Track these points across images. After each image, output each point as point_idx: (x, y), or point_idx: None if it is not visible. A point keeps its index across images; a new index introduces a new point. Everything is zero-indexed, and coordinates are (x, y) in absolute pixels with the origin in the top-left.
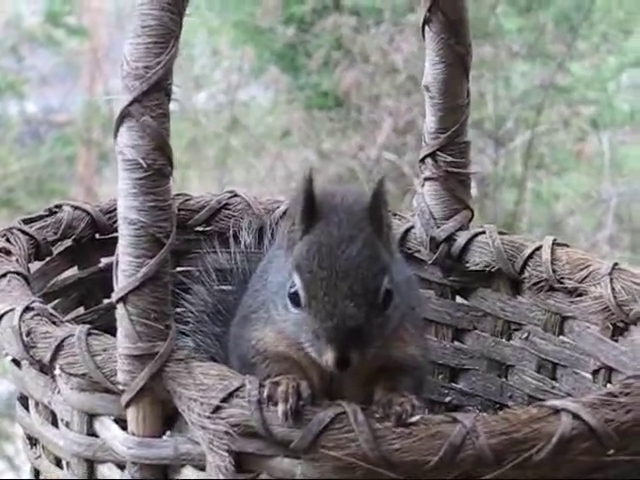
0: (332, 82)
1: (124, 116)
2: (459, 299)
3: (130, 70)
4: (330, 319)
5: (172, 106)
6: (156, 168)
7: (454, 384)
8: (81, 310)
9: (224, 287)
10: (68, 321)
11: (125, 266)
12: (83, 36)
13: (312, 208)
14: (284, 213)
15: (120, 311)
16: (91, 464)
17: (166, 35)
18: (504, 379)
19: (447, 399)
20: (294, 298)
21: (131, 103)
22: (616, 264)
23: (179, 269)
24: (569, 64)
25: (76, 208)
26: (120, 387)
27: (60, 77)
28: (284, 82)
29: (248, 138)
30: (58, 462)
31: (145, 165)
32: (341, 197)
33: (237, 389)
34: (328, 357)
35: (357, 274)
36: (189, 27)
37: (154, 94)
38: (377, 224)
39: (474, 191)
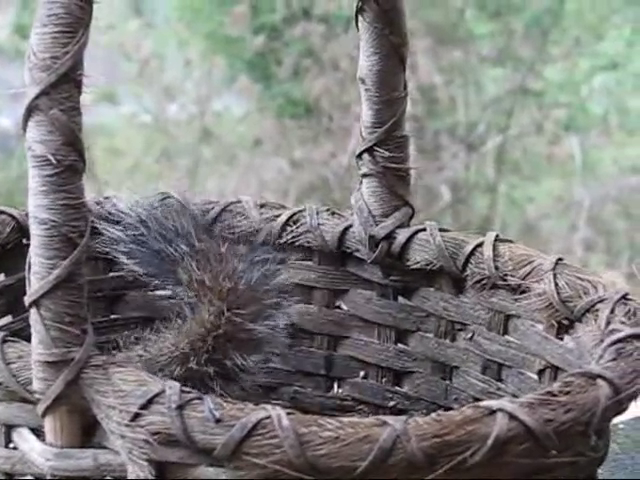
0: (302, 90)
1: (31, 110)
2: (401, 299)
3: (37, 61)
4: None
5: (144, 117)
6: (67, 164)
7: (398, 388)
8: (9, 318)
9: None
10: None
11: (37, 268)
12: None
13: None
14: (219, 214)
15: (33, 316)
16: (11, 478)
17: (74, 24)
18: (449, 381)
19: (391, 404)
20: None
21: (38, 96)
22: (560, 259)
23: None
24: (541, 68)
25: (1, 212)
26: (36, 396)
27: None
28: (255, 91)
29: (220, 148)
30: None
31: (55, 161)
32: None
33: (157, 395)
34: None
35: None
36: (159, 38)
37: (63, 86)
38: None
39: (447, 197)
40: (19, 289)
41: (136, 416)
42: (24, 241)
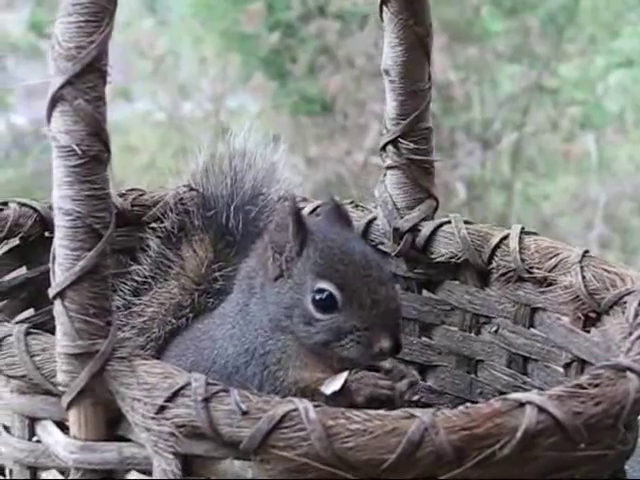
0: (318, 87)
1: (56, 100)
2: (425, 293)
3: (61, 51)
4: (377, 305)
5: (160, 116)
6: (92, 155)
7: (422, 382)
8: (31, 312)
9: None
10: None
11: (62, 259)
12: None
13: (303, 223)
14: None
15: (58, 308)
16: (34, 471)
17: (99, 13)
18: (474, 375)
19: (415, 397)
20: (324, 304)
21: (63, 86)
22: (586, 251)
23: (130, 269)
24: (556, 65)
25: (23, 205)
26: (61, 388)
27: (47, 90)
28: (270, 89)
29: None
30: (1, 470)
31: (80, 152)
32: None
33: (182, 387)
34: (384, 343)
35: (376, 264)
36: (175, 36)
37: (88, 76)
38: (352, 227)
39: (462, 194)
40: (41, 282)
41: (162, 409)
42: (46, 234)
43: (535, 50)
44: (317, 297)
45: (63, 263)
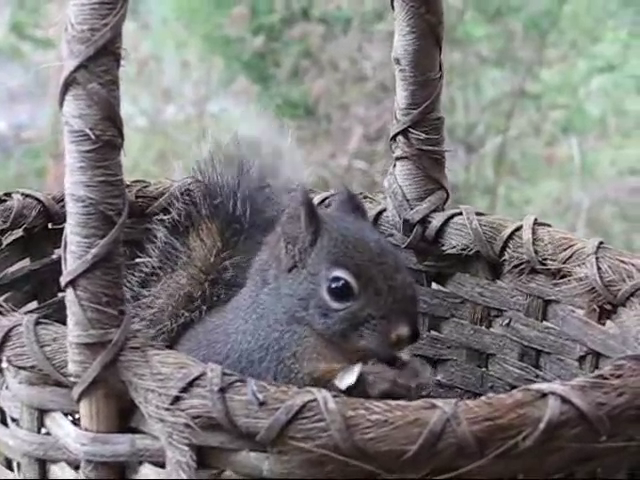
0: (301, 91)
1: (69, 83)
2: (435, 285)
3: (75, 33)
4: (394, 293)
5: (141, 121)
6: (105, 140)
7: (432, 376)
8: (35, 304)
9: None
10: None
11: (74, 247)
12: (48, 47)
13: (315, 212)
14: None
15: (69, 296)
16: (43, 464)
17: None
18: (484, 369)
19: (424, 392)
20: (340, 293)
21: (76, 69)
22: (602, 242)
23: (138, 260)
24: (538, 70)
25: (27, 196)
26: (71, 379)
27: (29, 94)
28: (253, 92)
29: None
30: (9, 463)
31: (93, 136)
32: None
33: (197, 378)
34: (402, 330)
35: (391, 251)
36: (157, 40)
37: (102, 59)
38: (366, 218)
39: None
40: (44, 274)
41: (176, 399)
42: (50, 226)
43: (518, 55)
44: (333, 286)
45: (75, 251)
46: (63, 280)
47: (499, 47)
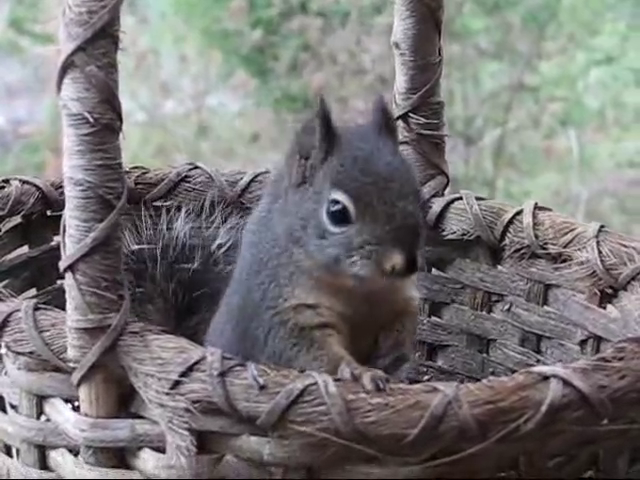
0: (300, 85)
1: (67, 66)
2: (435, 271)
3: (73, 16)
4: (391, 220)
5: (141, 115)
6: (104, 123)
7: (432, 362)
8: (33, 292)
9: (184, 265)
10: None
11: (73, 231)
12: (47, 42)
13: (331, 128)
14: (248, 184)
15: (69, 281)
16: (42, 450)
17: None
18: (485, 354)
19: (425, 378)
20: (338, 216)
21: (74, 52)
22: (602, 226)
23: (136, 247)
24: (537, 63)
25: (25, 182)
26: (71, 365)
27: (27, 89)
28: (252, 86)
29: (217, 143)
30: (8, 450)
31: (92, 120)
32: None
33: (197, 362)
34: (396, 259)
35: (401, 176)
36: (155, 34)
37: (100, 42)
38: (393, 137)
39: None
40: (43, 261)
41: (176, 384)
42: (48, 212)
43: (517, 47)
44: (331, 208)
45: (74, 235)
46: (62, 264)
47: (497, 40)
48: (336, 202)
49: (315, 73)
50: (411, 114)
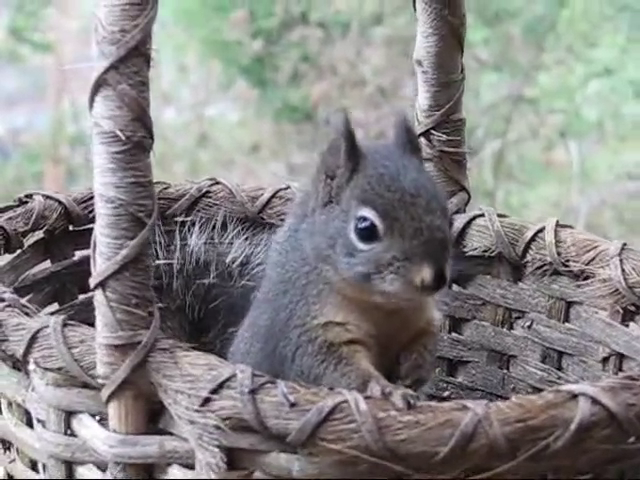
0: (300, 95)
1: (100, 84)
2: (456, 287)
3: (105, 35)
4: (420, 234)
5: None
6: (135, 141)
7: (452, 378)
8: (55, 306)
9: (204, 281)
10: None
11: (103, 248)
12: (47, 50)
13: (356, 147)
14: (269, 200)
15: (99, 298)
16: (69, 466)
17: None
18: (506, 370)
19: (445, 394)
20: (366, 233)
21: (107, 70)
22: (625, 244)
23: (158, 262)
24: (536, 75)
25: (48, 197)
26: (100, 381)
27: (27, 97)
28: (252, 96)
29: (217, 153)
30: (34, 465)
31: (124, 138)
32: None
33: (228, 379)
34: (425, 274)
35: (427, 192)
36: (156, 43)
37: (132, 60)
38: (417, 154)
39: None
40: (65, 276)
41: (206, 401)
42: (70, 227)
43: (516, 59)
44: (359, 225)
45: (105, 252)
46: (92, 281)
47: (497, 51)
48: (364, 219)
49: (315, 84)
50: (433, 131)
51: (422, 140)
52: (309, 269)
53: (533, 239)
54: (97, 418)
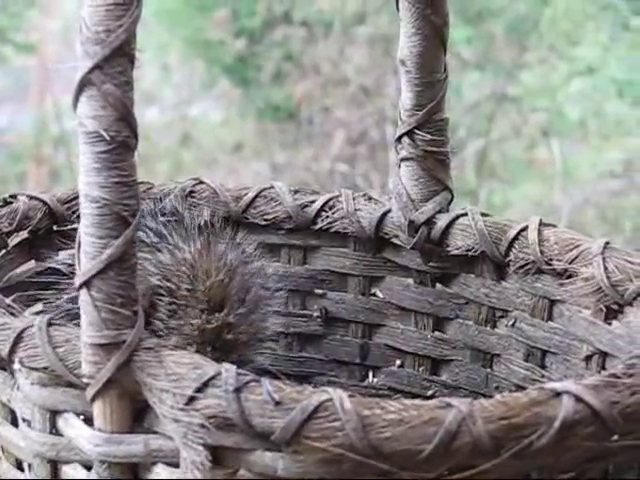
0: (284, 94)
1: (84, 84)
2: (439, 286)
3: (90, 35)
4: None
5: None
6: (120, 140)
7: (436, 376)
8: (39, 307)
9: None
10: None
11: (88, 248)
12: (30, 51)
13: None
14: (252, 200)
15: (84, 297)
16: (55, 465)
17: None
18: (489, 369)
19: (429, 392)
20: None
21: (91, 70)
22: (608, 242)
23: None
24: (519, 73)
25: (32, 198)
26: (85, 380)
27: (9, 98)
28: (235, 95)
29: (200, 152)
30: (19, 464)
31: (108, 137)
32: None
33: (212, 377)
34: None
35: None
36: (138, 43)
37: (116, 60)
38: None
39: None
40: (49, 277)
41: (191, 399)
42: (55, 227)
43: (499, 57)
44: None
45: (89, 251)
46: (77, 281)
47: (480, 50)
48: None
49: (298, 83)
50: (416, 131)
51: (406, 140)
52: None
53: (516, 238)
54: (82, 417)
